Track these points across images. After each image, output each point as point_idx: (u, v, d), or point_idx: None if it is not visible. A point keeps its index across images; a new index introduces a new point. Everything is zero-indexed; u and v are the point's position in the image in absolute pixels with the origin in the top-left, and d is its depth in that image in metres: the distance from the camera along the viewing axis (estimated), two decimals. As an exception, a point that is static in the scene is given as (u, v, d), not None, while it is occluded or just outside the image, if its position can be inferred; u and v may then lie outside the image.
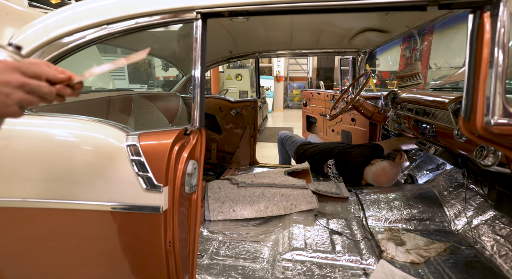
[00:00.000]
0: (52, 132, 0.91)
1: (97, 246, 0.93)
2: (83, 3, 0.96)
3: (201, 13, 0.88)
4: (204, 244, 1.44)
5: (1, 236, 0.94)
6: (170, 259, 0.90)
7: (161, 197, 0.84)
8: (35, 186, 0.88)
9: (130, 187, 0.85)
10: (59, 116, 0.95)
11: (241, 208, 1.68)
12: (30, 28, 0.97)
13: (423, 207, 1.66)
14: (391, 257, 1.32)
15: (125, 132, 0.91)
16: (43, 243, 0.94)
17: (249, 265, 1.29)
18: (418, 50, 1.94)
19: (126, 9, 0.91)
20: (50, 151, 0.88)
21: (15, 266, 0.98)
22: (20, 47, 0.49)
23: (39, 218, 0.91)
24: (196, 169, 0.92)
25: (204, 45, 0.90)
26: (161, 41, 2.09)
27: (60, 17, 0.95)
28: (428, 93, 1.63)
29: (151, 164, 0.84)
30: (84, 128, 0.91)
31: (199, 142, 0.92)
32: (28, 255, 0.97)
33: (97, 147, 0.88)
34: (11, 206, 0.89)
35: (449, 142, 1.37)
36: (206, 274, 1.23)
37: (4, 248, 0.96)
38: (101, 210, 0.87)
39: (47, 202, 0.88)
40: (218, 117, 2.61)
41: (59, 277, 1.00)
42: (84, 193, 0.87)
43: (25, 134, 0.90)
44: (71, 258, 0.96)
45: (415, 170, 2.31)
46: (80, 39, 0.94)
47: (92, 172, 0.87)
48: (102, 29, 0.93)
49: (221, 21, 1.71)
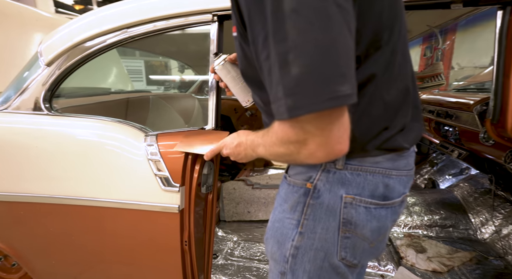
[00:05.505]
0: (75, 133, 0.94)
1: (116, 242, 0.96)
2: (104, 8, 1.00)
3: (218, 16, 0.89)
4: (219, 244, 1.45)
5: (30, 230, 0.99)
6: (186, 258, 0.91)
7: (178, 196, 0.85)
8: (59, 183, 0.92)
9: (148, 186, 0.87)
10: (82, 117, 0.98)
11: (256, 209, 1.67)
12: (57, 33, 1.02)
13: (445, 213, 1.58)
14: (411, 264, 1.27)
15: (144, 133, 0.93)
16: (66, 238, 0.98)
17: (263, 267, 1.28)
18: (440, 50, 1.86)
19: (145, 13, 0.93)
20: (73, 150, 0.92)
21: (43, 259, 1.03)
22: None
23: (63, 214, 0.94)
24: (212, 170, 0.93)
25: (220, 47, 0.91)
26: (177, 44, 2.13)
27: (83, 23, 0.99)
28: (451, 95, 1.56)
29: (168, 164, 0.86)
30: (105, 129, 0.94)
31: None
32: (53, 249, 1.01)
33: (117, 147, 0.91)
34: (38, 202, 0.93)
35: (475, 146, 1.30)
36: (220, 274, 1.24)
37: (34, 242, 1.01)
38: (120, 208, 0.89)
39: (70, 198, 0.91)
40: (232, 119, 2.63)
41: (81, 271, 1.03)
42: (104, 191, 0.90)
43: (51, 134, 0.94)
44: (91, 253, 0.99)
45: (436, 174, 2.22)
46: (102, 43, 0.98)
47: (112, 170, 0.89)
48: (123, 33, 0.96)
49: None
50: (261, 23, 0.38)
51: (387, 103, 0.50)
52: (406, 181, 0.56)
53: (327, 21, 0.35)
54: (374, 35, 0.45)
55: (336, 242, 0.53)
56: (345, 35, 0.36)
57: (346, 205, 0.51)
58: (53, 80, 0.99)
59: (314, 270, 0.55)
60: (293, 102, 0.36)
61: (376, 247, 0.57)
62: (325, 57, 0.35)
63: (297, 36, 0.35)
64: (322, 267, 0.55)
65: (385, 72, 0.48)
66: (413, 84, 0.55)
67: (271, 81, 0.39)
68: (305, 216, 0.54)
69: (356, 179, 0.51)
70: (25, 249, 1.02)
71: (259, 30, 0.39)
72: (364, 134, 0.50)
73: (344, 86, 0.35)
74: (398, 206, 0.56)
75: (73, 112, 1.02)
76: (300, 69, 0.35)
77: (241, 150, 0.60)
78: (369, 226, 0.52)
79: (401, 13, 0.50)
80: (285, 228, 0.56)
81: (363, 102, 0.48)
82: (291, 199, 0.56)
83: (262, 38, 0.39)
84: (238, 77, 0.72)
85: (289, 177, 0.58)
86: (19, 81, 1.05)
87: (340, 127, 0.39)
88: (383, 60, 0.47)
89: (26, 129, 0.96)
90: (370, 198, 0.52)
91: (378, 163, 0.52)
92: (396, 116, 0.51)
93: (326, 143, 0.40)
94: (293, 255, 0.55)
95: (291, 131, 0.41)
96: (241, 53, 0.52)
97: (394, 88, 0.50)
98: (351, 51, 0.37)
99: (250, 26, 0.41)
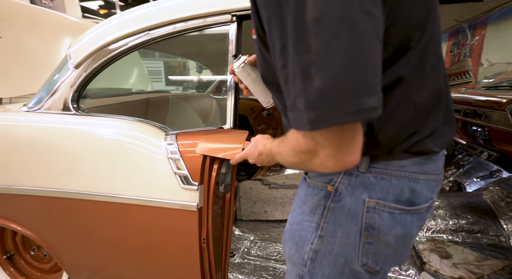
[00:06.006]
0: (100, 132, 0.99)
1: (137, 238, 0.99)
2: (127, 12, 1.04)
3: (237, 16, 0.90)
4: (236, 243, 1.46)
5: (60, 224, 1.05)
6: (204, 255, 0.93)
7: (196, 195, 0.87)
8: (85, 180, 0.97)
9: (168, 184, 0.89)
10: (106, 116, 1.03)
11: (273, 209, 1.67)
12: (84, 37, 1.07)
13: (472, 217, 1.50)
14: (435, 270, 1.21)
15: (164, 132, 0.95)
16: (91, 232, 1.03)
17: (280, 267, 1.28)
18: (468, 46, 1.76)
19: (166, 15, 0.95)
20: (98, 148, 0.96)
21: (70, 251, 1.09)
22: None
23: (87, 209, 0.99)
24: (230, 169, 0.94)
25: (239, 47, 0.91)
26: (196, 44, 2.17)
27: (107, 26, 1.03)
28: (480, 93, 1.48)
29: (188, 162, 0.88)
30: (127, 128, 0.97)
31: (233, 142, 0.94)
32: (79, 242, 1.06)
33: (139, 145, 0.94)
34: (66, 197, 0.98)
35: (507, 147, 1.22)
36: (237, 272, 1.25)
37: (63, 235, 1.07)
38: (142, 205, 0.92)
39: (94, 194, 0.96)
40: (249, 118, 2.64)
41: (105, 264, 1.08)
42: (127, 188, 0.93)
43: (78, 133, 0.99)
44: (114, 248, 1.03)
45: (462, 177, 2.11)
46: (125, 45, 1.01)
47: (134, 168, 0.93)
48: (145, 35, 0.99)
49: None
50: (279, 32, 0.37)
51: (417, 106, 0.47)
52: (434, 186, 0.54)
53: (353, 31, 0.33)
54: (404, 36, 0.43)
55: (357, 247, 0.52)
56: (373, 44, 0.34)
57: (368, 209, 0.50)
58: (80, 82, 1.04)
59: (333, 275, 0.54)
60: (315, 115, 0.35)
61: (400, 253, 0.55)
62: (350, 69, 0.33)
63: (320, 48, 0.33)
64: (342, 273, 0.53)
65: (414, 74, 0.45)
66: (446, 84, 0.52)
67: (288, 90, 0.38)
68: (325, 219, 0.53)
69: (380, 183, 0.49)
70: (55, 241, 1.08)
71: (277, 39, 0.38)
72: (391, 140, 0.48)
73: (370, 98, 0.34)
74: (424, 212, 0.53)
75: (98, 112, 1.07)
76: (322, 82, 0.34)
77: (263, 158, 0.62)
78: (393, 232, 0.51)
79: (435, 8, 0.47)
80: (304, 230, 0.56)
81: (389, 106, 0.46)
82: (310, 201, 0.55)
83: (280, 47, 0.38)
84: (258, 79, 0.72)
85: (309, 178, 0.57)
86: (50, 83, 1.11)
87: (352, 140, 0.38)
88: (412, 61, 0.45)
89: (56, 128, 1.01)
90: (395, 203, 0.50)
91: (404, 167, 0.49)
92: (427, 119, 0.49)
93: (335, 155, 0.38)
94: (311, 259, 0.55)
95: (302, 141, 0.41)
96: (260, 56, 0.52)
97: (425, 90, 0.48)
98: (379, 60, 0.36)
99: (270, 33, 0.40)
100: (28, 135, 1.01)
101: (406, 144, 0.48)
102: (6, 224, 1.08)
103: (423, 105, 0.48)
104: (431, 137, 0.50)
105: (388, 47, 0.42)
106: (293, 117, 0.39)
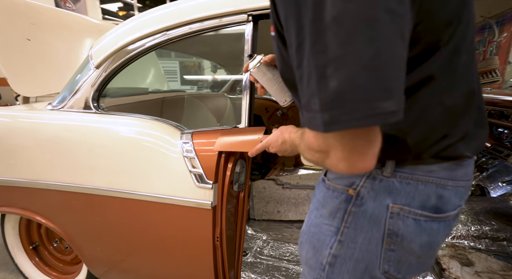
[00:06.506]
0: (119, 130, 1.02)
1: (153, 234, 1.01)
2: (145, 13, 1.06)
3: (253, 15, 0.90)
4: (248, 242, 1.46)
5: (80, 218, 1.10)
6: (217, 253, 0.93)
7: (211, 193, 0.88)
8: (104, 176, 1.00)
9: (183, 182, 0.90)
10: (124, 115, 1.06)
11: (286, 209, 1.66)
12: (105, 38, 1.11)
13: (497, 224, 1.43)
14: (455, 277, 1.16)
15: (180, 131, 0.97)
16: (109, 227, 1.07)
17: (292, 268, 1.27)
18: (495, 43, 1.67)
19: (182, 16, 0.97)
20: (117, 145, 0.99)
21: (90, 244, 1.13)
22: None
23: (106, 204, 1.02)
24: (244, 168, 0.94)
25: (255, 47, 0.91)
26: (211, 44, 2.19)
27: (126, 28, 1.06)
28: (507, 93, 1.40)
29: (203, 161, 0.89)
30: (144, 126, 1.00)
31: (247, 141, 0.94)
32: (98, 236, 1.10)
33: (155, 144, 0.96)
34: (85, 192, 1.02)
35: (536, 150, 1.15)
36: (250, 271, 1.25)
37: (82, 228, 1.11)
38: (157, 202, 0.94)
39: (112, 190, 0.99)
40: (263, 118, 2.63)
41: (121, 258, 1.11)
42: (142, 185, 0.95)
43: (98, 131, 1.03)
44: (130, 243, 1.06)
45: (486, 181, 2.01)
46: (142, 46, 1.04)
47: (151, 166, 0.95)
48: (162, 35, 1.01)
49: (269, 23, 1.71)
50: (296, 30, 0.36)
51: (447, 109, 0.45)
52: (464, 193, 0.51)
53: (374, 31, 0.31)
54: (434, 34, 0.40)
55: (379, 254, 0.50)
56: (396, 45, 0.33)
57: (392, 215, 0.48)
58: (100, 82, 1.08)
59: None
60: (329, 117, 0.34)
61: (423, 262, 0.52)
62: (368, 71, 0.32)
63: (338, 48, 0.32)
64: None
65: (445, 74, 0.43)
66: (478, 85, 0.49)
67: (303, 89, 0.38)
68: (345, 223, 0.51)
69: (405, 188, 0.47)
70: (76, 234, 1.12)
71: (294, 37, 0.37)
72: (420, 143, 0.46)
73: (388, 102, 0.32)
74: (452, 219, 0.50)
75: (116, 110, 1.11)
76: (338, 83, 0.32)
77: (287, 146, 0.61)
78: (418, 240, 0.48)
79: (469, 3, 0.44)
80: (323, 234, 0.54)
81: (417, 109, 0.44)
82: (330, 205, 0.53)
83: (296, 45, 0.37)
84: (274, 79, 0.71)
85: (328, 180, 0.55)
86: (73, 82, 1.16)
87: (366, 145, 0.36)
88: (442, 60, 0.42)
89: (77, 126, 1.05)
90: (421, 210, 0.47)
91: (432, 172, 0.47)
92: (458, 122, 0.46)
93: (347, 159, 0.37)
94: (330, 263, 0.53)
95: (314, 141, 0.40)
96: (278, 53, 0.51)
97: (457, 91, 0.45)
98: (402, 62, 0.34)
99: (287, 31, 0.40)
100: (52, 132, 1.06)
101: (436, 148, 0.46)
102: (32, 216, 1.14)
103: (454, 107, 0.45)
104: (463, 141, 0.47)
105: (416, 45, 0.40)
106: (307, 117, 0.38)
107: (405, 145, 0.46)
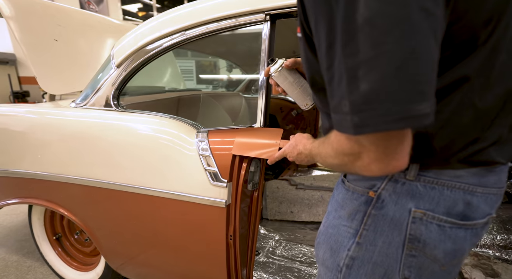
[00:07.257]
0: (137, 127, 1.04)
1: (167, 230, 1.04)
2: (164, 14, 1.08)
3: (270, 15, 0.89)
4: (261, 242, 1.46)
5: (99, 212, 1.14)
6: (230, 251, 0.94)
7: (225, 191, 0.88)
8: (122, 172, 1.03)
9: (199, 179, 0.92)
10: (142, 112, 1.08)
11: (299, 210, 1.65)
12: (125, 38, 1.14)
13: (525, 233, 1.35)
14: (477, 287, 1.11)
15: (196, 129, 0.98)
16: (126, 221, 1.10)
17: (305, 269, 1.26)
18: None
19: (200, 16, 0.98)
20: (135, 142, 1.02)
21: (107, 237, 1.17)
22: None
23: (125, 200, 1.06)
24: (259, 168, 0.94)
25: (272, 46, 0.91)
26: (227, 44, 2.20)
27: (146, 28, 1.09)
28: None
29: (218, 160, 0.89)
30: (161, 124, 1.02)
31: (262, 141, 0.94)
32: (115, 230, 1.14)
33: (172, 141, 0.98)
34: (106, 187, 1.06)
35: None
36: (262, 271, 1.25)
37: (101, 222, 1.16)
38: (173, 199, 0.96)
39: (129, 186, 1.02)
40: (278, 118, 2.62)
41: (138, 253, 1.15)
42: (159, 182, 0.98)
43: (117, 128, 1.06)
44: (146, 238, 1.09)
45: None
46: (161, 46, 1.06)
47: (167, 163, 0.97)
48: (180, 35, 1.02)
49: (286, 22, 1.70)
50: (326, 32, 0.36)
51: (479, 111, 0.43)
52: (495, 201, 0.48)
53: (407, 31, 0.30)
54: (471, 34, 0.39)
55: (399, 259, 0.48)
56: (429, 45, 0.32)
57: (414, 220, 0.46)
58: (120, 80, 1.11)
59: None
60: (360, 119, 0.33)
61: (448, 271, 0.50)
62: (401, 73, 0.31)
63: (370, 49, 0.31)
64: None
65: (479, 75, 0.41)
66: None
67: (333, 91, 0.37)
68: (364, 226, 0.50)
69: (429, 193, 0.46)
70: (95, 227, 1.17)
71: (324, 39, 0.36)
72: (448, 147, 0.44)
73: (422, 105, 0.31)
74: (480, 228, 0.48)
75: (135, 108, 1.14)
76: (370, 85, 0.32)
77: (302, 157, 0.63)
78: (442, 247, 0.46)
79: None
80: (341, 235, 0.53)
81: (447, 111, 0.42)
82: (349, 206, 0.53)
83: (326, 47, 0.36)
84: (295, 83, 0.71)
85: (348, 182, 0.54)
86: (95, 81, 1.20)
87: (398, 144, 0.36)
88: (478, 61, 0.40)
89: (98, 123, 1.09)
90: (445, 216, 0.45)
91: (459, 177, 0.45)
92: (491, 126, 0.44)
93: (380, 159, 0.37)
94: (347, 265, 0.52)
95: (346, 143, 0.40)
96: (304, 55, 0.50)
97: (491, 93, 0.43)
98: (435, 63, 0.33)
99: (316, 32, 0.39)
100: (75, 128, 1.11)
101: (465, 152, 0.44)
102: (55, 208, 1.19)
103: (487, 109, 0.43)
104: (496, 146, 0.45)
105: (450, 45, 0.38)
106: (336, 119, 0.37)
107: (430, 148, 0.44)
